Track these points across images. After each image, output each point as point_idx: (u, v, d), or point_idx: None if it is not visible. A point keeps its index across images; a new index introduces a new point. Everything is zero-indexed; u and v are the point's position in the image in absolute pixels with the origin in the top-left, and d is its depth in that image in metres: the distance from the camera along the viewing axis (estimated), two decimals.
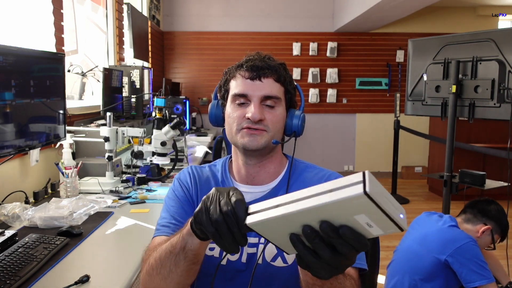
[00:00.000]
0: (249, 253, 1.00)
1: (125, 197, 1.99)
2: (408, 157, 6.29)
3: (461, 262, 1.78)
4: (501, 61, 2.28)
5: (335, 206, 0.52)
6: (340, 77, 6.20)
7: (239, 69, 1.02)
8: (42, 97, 1.72)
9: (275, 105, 1.01)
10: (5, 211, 1.57)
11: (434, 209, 2.21)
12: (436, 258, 1.82)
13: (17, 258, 1.21)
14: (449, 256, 1.80)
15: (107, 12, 3.77)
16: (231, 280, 1.00)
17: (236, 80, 1.02)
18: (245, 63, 1.01)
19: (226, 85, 1.05)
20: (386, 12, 4.68)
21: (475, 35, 2.43)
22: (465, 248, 1.79)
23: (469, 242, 1.81)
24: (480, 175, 2.64)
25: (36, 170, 2.06)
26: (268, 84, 1.00)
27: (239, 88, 1.00)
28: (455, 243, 1.81)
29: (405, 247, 2.00)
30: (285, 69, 1.05)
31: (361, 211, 0.52)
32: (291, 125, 1.05)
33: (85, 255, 1.35)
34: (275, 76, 1.01)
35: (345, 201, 0.50)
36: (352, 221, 0.54)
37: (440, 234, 1.88)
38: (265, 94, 0.99)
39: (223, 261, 1.00)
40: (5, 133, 1.46)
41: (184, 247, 0.79)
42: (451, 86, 2.48)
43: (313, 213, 0.55)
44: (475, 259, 1.78)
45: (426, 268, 1.85)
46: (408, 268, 1.91)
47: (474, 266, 1.76)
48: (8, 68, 1.46)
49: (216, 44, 6.00)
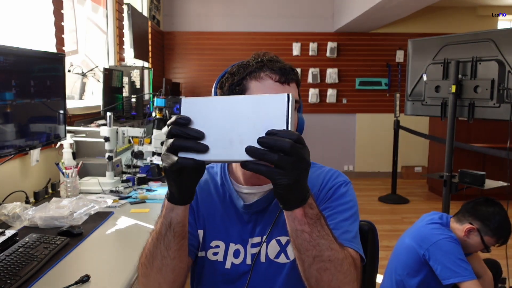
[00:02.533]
0: (252, 254, 1.00)
1: (125, 197, 1.99)
2: (408, 157, 6.30)
3: (436, 258, 1.78)
4: (501, 61, 2.28)
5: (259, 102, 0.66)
6: (340, 77, 6.20)
7: (264, 70, 0.94)
8: (43, 97, 1.72)
9: (296, 109, 0.97)
10: (6, 211, 1.57)
11: (434, 209, 2.21)
12: (417, 254, 1.85)
13: (17, 258, 1.21)
14: (426, 251, 1.81)
15: (107, 12, 3.77)
16: (235, 283, 1.00)
17: (261, 82, 0.93)
18: (268, 63, 0.94)
19: (244, 83, 0.95)
20: (386, 12, 4.68)
21: (475, 35, 2.43)
22: (440, 244, 1.79)
23: (444, 238, 1.80)
24: (480, 175, 2.64)
25: (36, 170, 2.06)
26: (294, 88, 0.96)
27: (268, 91, 0.92)
28: (430, 238, 1.82)
29: (398, 243, 2.03)
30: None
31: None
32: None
33: (86, 255, 1.36)
34: (297, 81, 0.98)
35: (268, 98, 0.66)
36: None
37: (420, 230, 1.90)
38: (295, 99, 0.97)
39: (227, 264, 1.00)
40: (5, 133, 1.47)
41: (170, 224, 0.80)
42: (451, 86, 2.48)
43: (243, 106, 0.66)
44: (450, 255, 1.76)
45: (410, 263, 1.87)
46: (396, 263, 1.94)
47: (448, 263, 1.75)
48: (8, 68, 1.46)
49: (216, 44, 6.01)
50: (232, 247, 1.01)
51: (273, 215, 0.98)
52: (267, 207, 1.00)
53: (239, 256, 1.00)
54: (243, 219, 1.02)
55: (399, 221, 4.44)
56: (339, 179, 1.02)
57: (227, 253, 1.01)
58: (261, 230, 1.00)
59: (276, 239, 0.98)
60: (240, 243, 1.01)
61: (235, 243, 1.01)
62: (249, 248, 1.00)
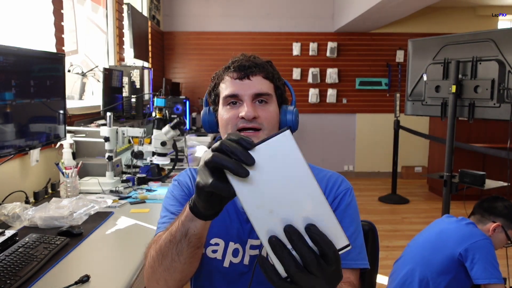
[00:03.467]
0: (251, 255, 0.99)
1: (125, 197, 1.99)
2: (408, 157, 6.30)
3: (474, 258, 1.78)
4: (501, 61, 2.28)
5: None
6: (340, 77, 6.20)
7: (226, 72, 1.03)
8: (43, 97, 1.72)
9: (267, 102, 1.01)
10: (6, 211, 1.57)
11: (434, 209, 2.22)
12: (450, 253, 1.83)
13: (17, 258, 1.21)
14: (464, 251, 1.80)
15: (107, 12, 3.77)
16: (234, 283, 1.00)
17: (225, 83, 1.02)
18: (232, 64, 1.03)
19: (216, 90, 1.06)
20: (386, 12, 4.68)
21: (475, 35, 2.43)
22: (480, 244, 1.80)
23: (484, 239, 1.82)
24: (480, 175, 2.64)
25: (36, 170, 2.06)
26: (257, 81, 1.00)
27: (229, 89, 1.00)
28: (471, 238, 1.82)
29: (421, 241, 2.00)
30: (272, 66, 1.06)
31: None
32: (286, 121, 1.06)
33: (85, 255, 1.36)
34: (263, 73, 1.01)
35: None
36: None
37: (457, 230, 1.90)
38: (255, 91, 0.99)
39: (225, 263, 1.00)
40: (5, 133, 1.47)
41: (186, 234, 0.75)
42: (451, 86, 2.48)
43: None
44: (489, 256, 1.78)
45: (438, 263, 1.85)
46: (420, 260, 1.91)
47: (486, 264, 1.77)
48: (8, 68, 1.46)
49: (216, 44, 6.01)
50: (231, 245, 1.01)
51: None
52: None
53: (238, 255, 1.00)
54: (242, 218, 1.02)
55: (399, 221, 4.44)
56: (343, 186, 1.03)
57: (226, 252, 1.01)
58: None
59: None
60: (239, 243, 1.01)
61: (235, 242, 1.01)
62: (248, 249, 1.00)
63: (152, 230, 1.56)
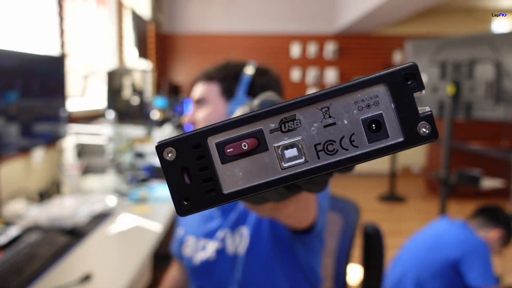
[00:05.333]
0: (218, 248, 1.03)
1: (127, 197, 2.02)
2: (406, 156, 6.32)
3: (470, 261, 1.79)
4: (497, 63, 2.31)
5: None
6: (340, 78, 6.22)
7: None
8: (45, 98, 1.75)
9: (202, 105, 1.05)
10: (9, 211, 1.60)
11: (432, 208, 2.24)
12: (446, 257, 1.84)
13: (20, 256, 1.23)
14: (461, 254, 1.80)
15: (110, 14, 3.79)
16: (208, 276, 1.04)
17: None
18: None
19: None
20: (385, 14, 4.70)
21: (472, 38, 2.46)
22: (478, 249, 1.81)
23: (481, 244, 1.83)
24: (477, 174, 2.67)
25: (39, 170, 2.09)
26: (197, 89, 1.07)
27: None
28: (467, 243, 1.83)
29: (417, 243, 2.00)
30: (224, 66, 1.06)
31: None
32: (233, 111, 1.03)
33: (88, 254, 1.38)
34: (204, 79, 1.06)
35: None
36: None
37: (454, 234, 1.90)
38: (194, 99, 1.07)
39: (196, 259, 1.05)
40: (9, 133, 1.50)
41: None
42: (448, 88, 2.51)
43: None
44: (485, 261, 1.79)
45: (433, 266, 1.86)
46: (415, 262, 1.92)
47: (482, 268, 1.77)
48: (11, 71, 1.49)
49: (217, 46, 6.03)
50: (200, 241, 1.06)
51: (235, 207, 1.03)
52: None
53: (206, 249, 1.04)
54: (209, 214, 1.07)
55: (397, 220, 4.46)
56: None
57: (195, 248, 1.06)
58: (226, 223, 1.04)
59: (239, 232, 1.02)
60: (207, 237, 1.05)
61: (201, 238, 1.06)
62: (215, 242, 1.04)
63: (154, 229, 1.59)
